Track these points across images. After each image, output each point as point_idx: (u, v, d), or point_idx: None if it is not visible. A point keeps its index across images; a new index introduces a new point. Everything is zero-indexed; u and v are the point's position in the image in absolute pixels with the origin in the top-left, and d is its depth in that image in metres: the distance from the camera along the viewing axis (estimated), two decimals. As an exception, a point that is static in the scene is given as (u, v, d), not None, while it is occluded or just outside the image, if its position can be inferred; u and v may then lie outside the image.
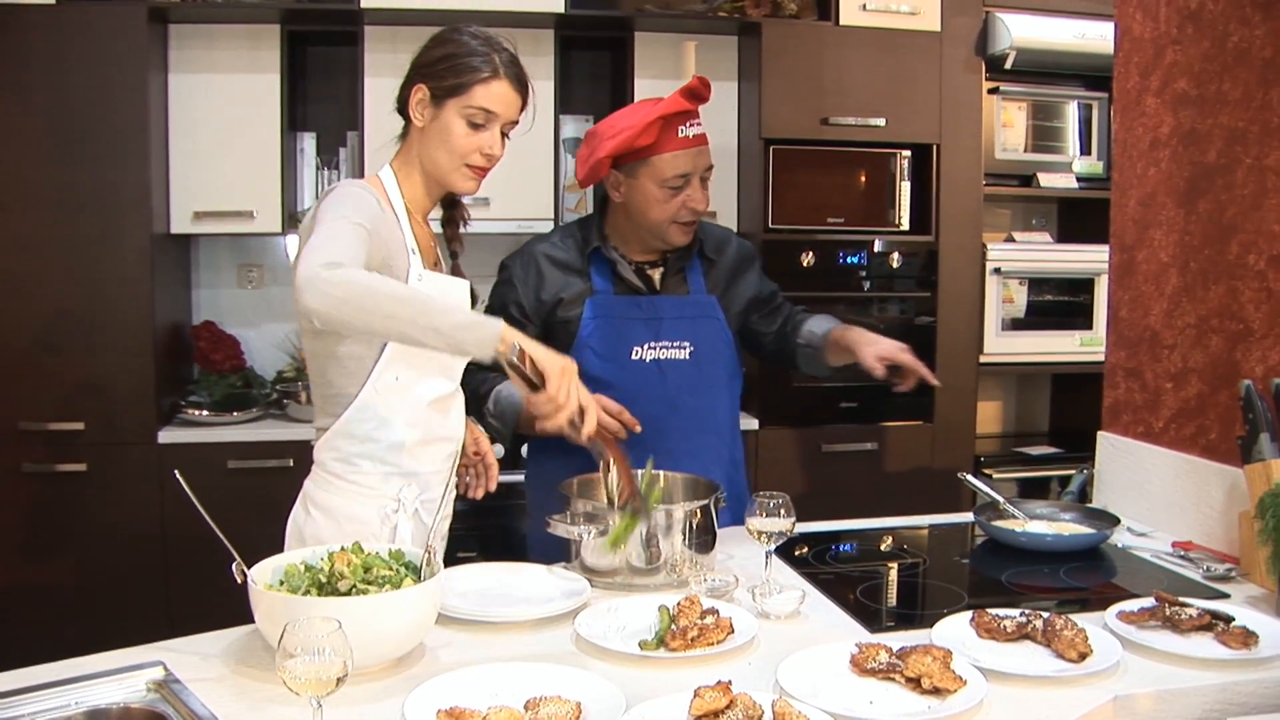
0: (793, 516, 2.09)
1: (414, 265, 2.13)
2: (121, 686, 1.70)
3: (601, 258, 2.66)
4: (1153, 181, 2.73)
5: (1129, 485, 2.79)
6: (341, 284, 1.82)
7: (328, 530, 2.15)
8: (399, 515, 2.18)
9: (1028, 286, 4.56)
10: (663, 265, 2.70)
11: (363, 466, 2.17)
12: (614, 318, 2.64)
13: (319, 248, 1.88)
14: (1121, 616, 1.99)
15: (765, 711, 1.58)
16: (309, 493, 2.22)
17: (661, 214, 2.58)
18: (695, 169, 2.57)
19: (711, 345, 2.70)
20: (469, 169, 2.18)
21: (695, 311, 2.69)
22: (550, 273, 2.65)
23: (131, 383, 3.90)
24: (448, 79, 2.14)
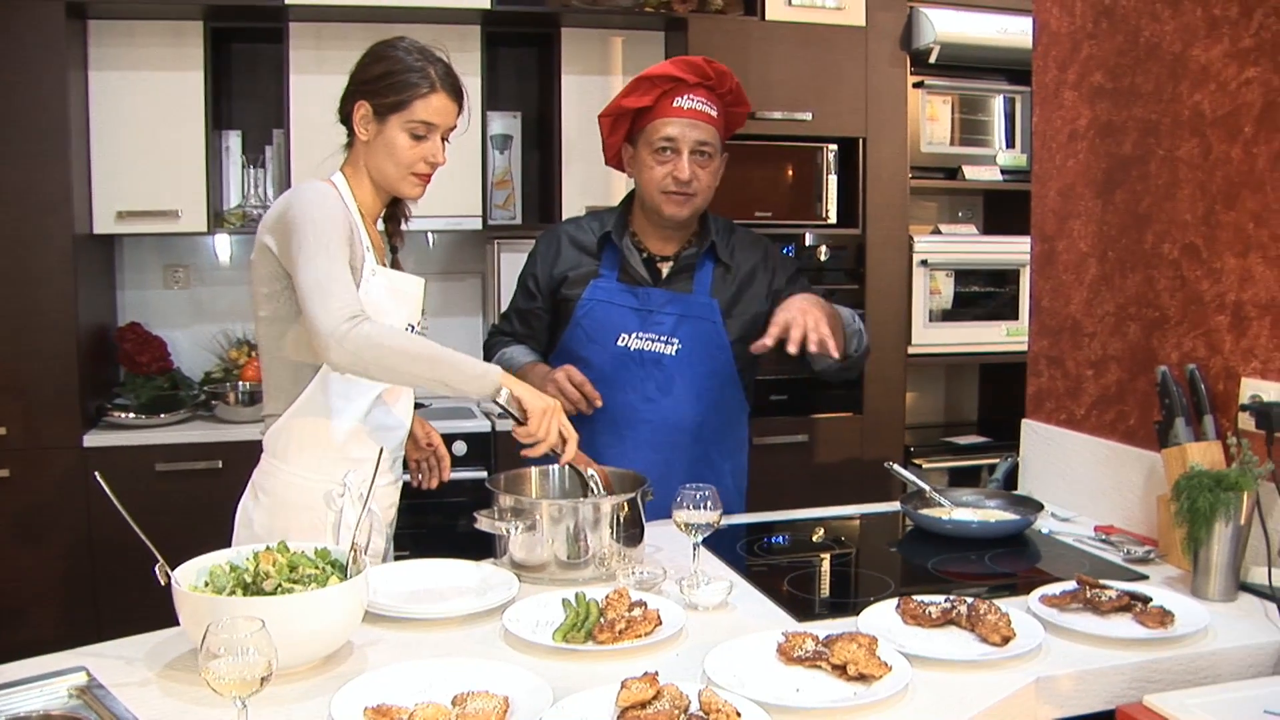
0: (719, 509, 2.11)
1: (369, 261, 2.25)
2: (43, 693, 1.67)
3: (613, 244, 2.74)
4: (1071, 173, 2.78)
5: (1053, 471, 2.84)
6: (367, 346, 2.03)
7: (275, 517, 2.25)
8: (344, 500, 2.25)
9: (954, 278, 4.61)
10: (674, 260, 2.75)
11: (310, 454, 2.25)
12: (609, 303, 2.70)
13: (330, 292, 2.05)
14: (1044, 600, 2.03)
15: (692, 701, 1.59)
16: (257, 480, 2.32)
17: (650, 182, 2.66)
18: (683, 138, 2.63)
19: (702, 347, 2.70)
20: (415, 177, 2.29)
21: (690, 310, 2.70)
22: (567, 251, 2.77)
23: (55, 386, 3.83)
24: (388, 96, 2.24)
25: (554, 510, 2.19)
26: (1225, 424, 2.33)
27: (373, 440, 2.28)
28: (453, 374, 2.09)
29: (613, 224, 2.74)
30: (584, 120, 4.41)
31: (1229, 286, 2.34)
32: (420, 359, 2.07)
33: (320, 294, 2.06)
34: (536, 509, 2.19)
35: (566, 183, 4.44)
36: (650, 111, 2.65)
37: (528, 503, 2.21)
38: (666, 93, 2.64)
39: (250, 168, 4.38)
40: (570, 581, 2.16)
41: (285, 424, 2.26)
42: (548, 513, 2.18)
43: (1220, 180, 2.35)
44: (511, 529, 2.17)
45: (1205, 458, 2.26)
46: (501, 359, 2.75)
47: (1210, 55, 2.37)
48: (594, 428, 2.63)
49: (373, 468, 2.15)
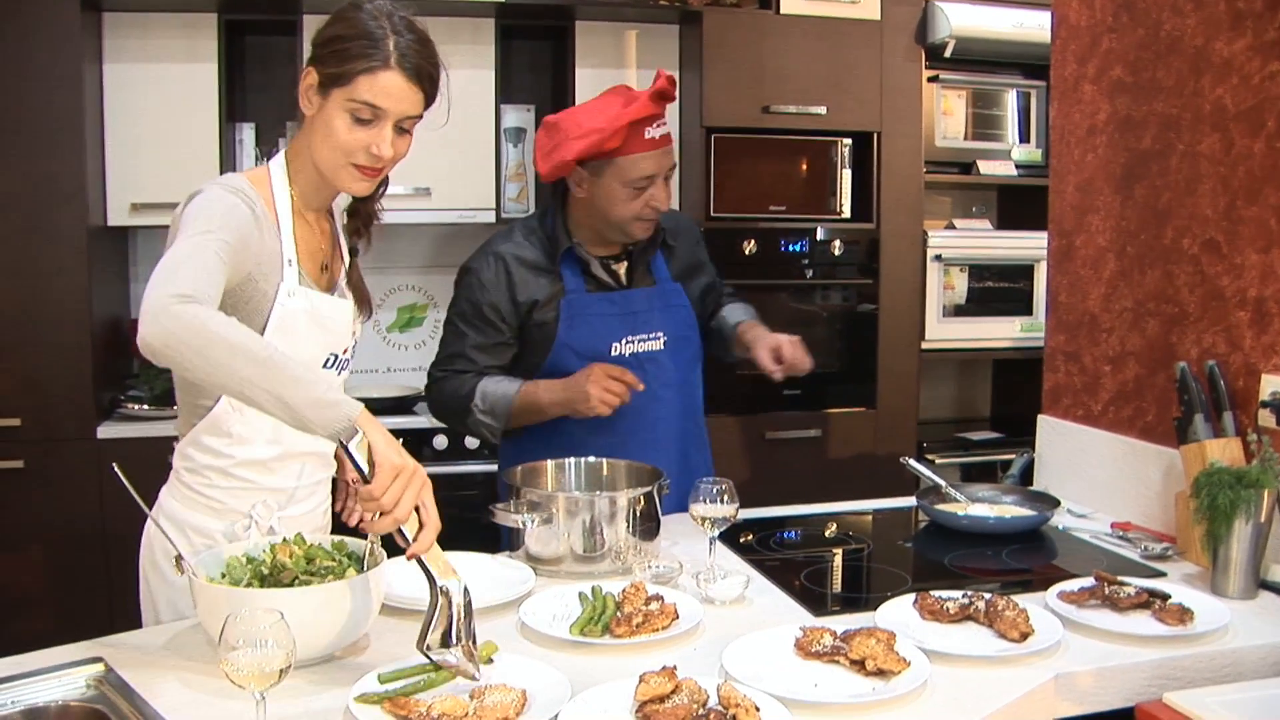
0: (736, 502, 2.10)
1: (287, 279, 1.93)
2: (60, 684, 1.68)
3: (573, 256, 2.65)
4: (1090, 167, 2.77)
5: (1069, 468, 2.83)
6: (191, 325, 1.62)
7: (178, 542, 1.91)
8: (250, 533, 2.00)
9: (968, 273, 4.59)
10: (627, 259, 2.72)
11: (212, 479, 2.01)
12: (590, 315, 2.64)
13: (174, 271, 1.68)
14: (1062, 596, 2.02)
15: (710, 695, 1.59)
16: (161, 501, 2.06)
17: (625, 212, 2.58)
18: (660, 170, 2.58)
19: (681, 332, 2.75)
20: (355, 169, 1.94)
21: (665, 301, 2.73)
22: (520, 274, 2.63)
23: (69, 377, 3.84)
24: (331, 65, 1.88)
25: (570, 503, 2.19)
26: (1245, 420, 2.32)
27: (288, 468, 2.05)
28: (294, 391, 1.63)
29: (566, 238, 2.64)
30: (598, 113, 4.40)
31: (1250, 282, 2.33)
32: (256, 361, 1.62)
33: (164, 273, 1.68)
34: (553, 502, 2.18)
35: (580, 175, 4.42)
36: (620, 148, 2.52)
37: (544, 496, 2.21)
38: (636, 125, 2.52)
39: (264, 160, 4.34)
40: (586, 575, 2.16)
41: (188, 446, 2.02)
42: (564, 506, 2.18)
43: (1242, 175, 2.34)
44: (528, 522, 2.17)
45: (1225, 454, 2.25)
46: (484, 393, 2.59)
47: (1233, 49, 2.35)
48: (620, 436, 2.59)
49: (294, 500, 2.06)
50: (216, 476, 2.01)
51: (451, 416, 2.68)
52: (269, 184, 1.97)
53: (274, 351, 1.66)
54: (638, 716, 1.55)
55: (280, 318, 1.92)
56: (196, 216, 1.80)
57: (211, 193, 1.86)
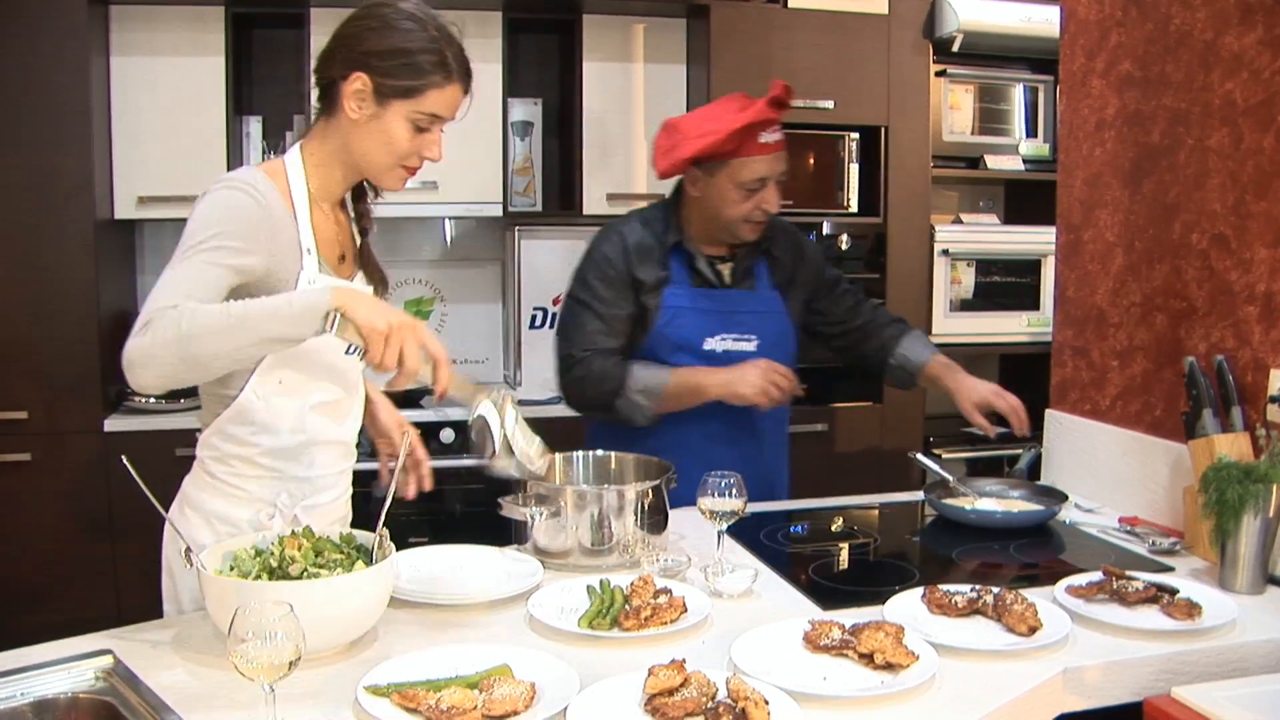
0: (744, 496, 2.10)
1: (307, 267, 1.96)
2: (69, 676, 1.68)
3: (682, 251, 2.75)
4: (1098, 162, 2.76)
5: (1077, 462, 2.83)
6: (155, 347, 1.72)
7: (201, 531, 1.99)
8: (275, 521, 2.02)
9: (975, 268, 4.59)
10: (731, 260, 2.80)
11: (238, 469, 2.02)
12: (689, 309, 2.74)
13: (151, 299, 1.78)
14: (1070, 590, 2.02)
15: (720, 689, 1.59)
16: (185, 491, 2.07)
17: (735, 213, 2.67)
18: (772, 174, 2.66)
19: (774, 338, 2.81)
20: (404, 169, 2.03)
21: (762, 306, 2.81)
22: (637, 255, 2.73)
23: (76, 370, 3.84)
24: (399, 78, 1.93)
25: (578, 497, 2.19)
26: (1254, 415, 2.32)
27: (312, 457, 2.07)
28: (276, 325, 1.74)
29: (676, 233, 2.75)
30: (605, 107, 4.40)
31: (1259, 277, 2.32)
32: (231, 329, 1.73)
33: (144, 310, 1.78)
34: (561, 495, 2.18)
35: (587, 170, 4.43)
36: (735, 150, 2.63)
37: (552, 489, 2.21)
38: (752, 129, 2.62)
39: (270, 153, 4.37)
40: (594, 568, 2.16)
41: (213, 436, 2.02)
42: (572, 499, 2.18)
43: (1251, 170, 2.33)
44: (536, 515, 2.17)
45: (1233, 449, 2.24)
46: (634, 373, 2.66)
47: (1243, 43, 2.34)
48: (704, 433, 2.71)
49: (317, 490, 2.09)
50: (242, 465, 2.02)
51: (599, 397, 2.70)
52: (285, 176, 1.99)
53: (239, 307, 1.74)
54: (647, 709, 1.55)
55: None
56: (193, 229, 1.86)
57: (214, 195, 1.90)
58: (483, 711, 1.52)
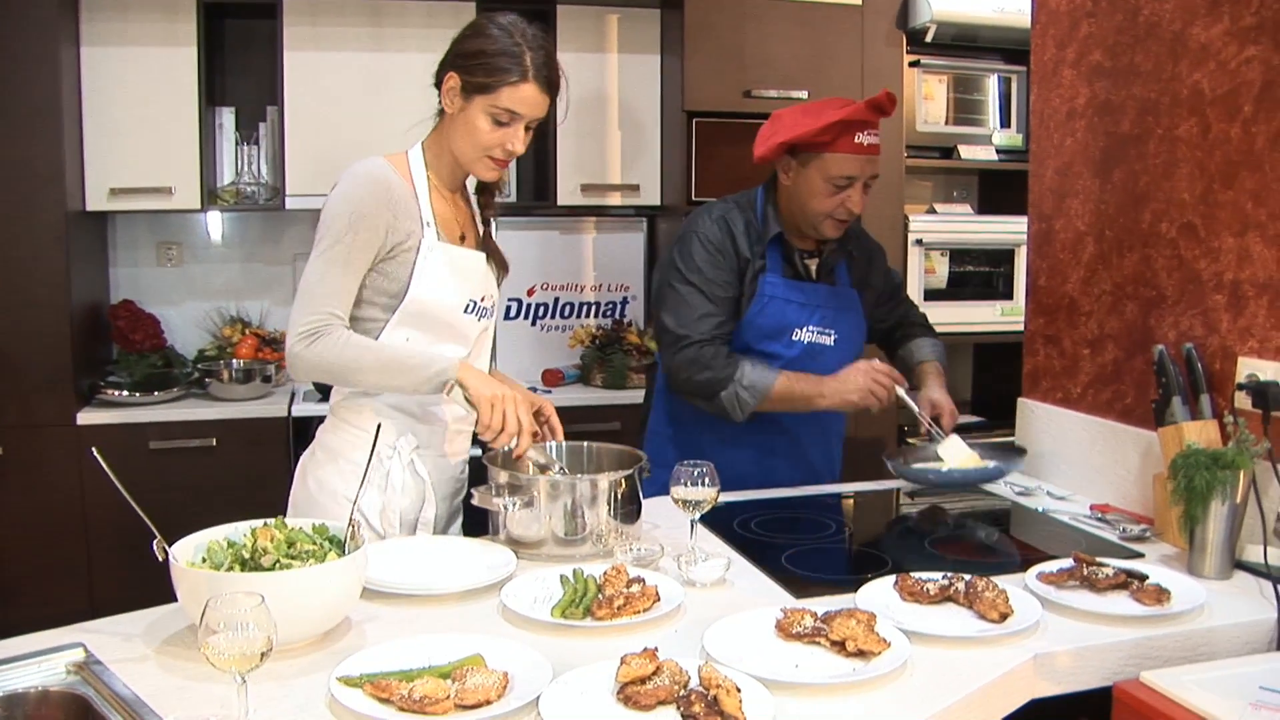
0: (717, 485, 2.11)
1: (427, 237, 2.25)
2: (40, 670, 1.67)
3: (779, 241, 2.82)
4: (1069, 152, 2.78)
5: (1049, 450, 2.85)
6: (316, 368, 2.17)
7: (328, 469, 2.32)
8: (392, 462, 2.29)
9: (949, 257, 4.61)
10: (818, 255, 2.88)
11: (365, 413, 2.30)
12: (780, 299, 2.80)
13: (304, 303, 2.17)
14: (1041, 577, 2.04)
15: (692, 677, 1.59)
16: (320, 434, 2.40)
17: (820, 207, 2.72)
18: (861, 174, 2.71)
19: (849, 333, 2.91)
20: (490, 160, 2.27)
21: (843, 303, 2.91)
22: (741, 241, 2.80)
23: (48, 364, 3.82)
24: (477, 75, 2.20)
25: (551, 486, 2.19)
26: (1222, 403, 2.34)
27: (430, 412, 2.36)
28: (404, 379, 2.18)
29: (776, 223, 2.81)
30: (580, 98, 4.39)
31: (1227, 266, 2.34)
32: (370, 370, 2.16)
33: (299, 302, 2.18)
34: (534, 485, 2.18)
35: (561, 161, 4.43)
36: (829, 144, 2.68)
37: (525, 479, 2.20)
38: (849, 126, 2.67)
39: (244, 144, 4.36)
40: (568, 558, 2.16)
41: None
42: (545, 489, 2.18)
43: (1219, 159, 2.35)
44: (509, 505, 2.17)
45: (1202, 436, 2.26)
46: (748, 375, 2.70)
47: (1210, 34, 2.36)
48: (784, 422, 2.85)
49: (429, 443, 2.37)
50: (368, 409, 2.32)
51: (706, 384, 2.74)
52: (407, 166, 2.30)
53: (382, 355, 2.18)
54: (619, 698, 1.56)
55: (423, 269, 2.24)
56: (333, 219, 2.20)
57: (344, 187, 2.23)
58: (455, 701, 1.52)
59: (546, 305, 4.72)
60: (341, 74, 4.16)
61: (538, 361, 4.64)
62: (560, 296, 4.73)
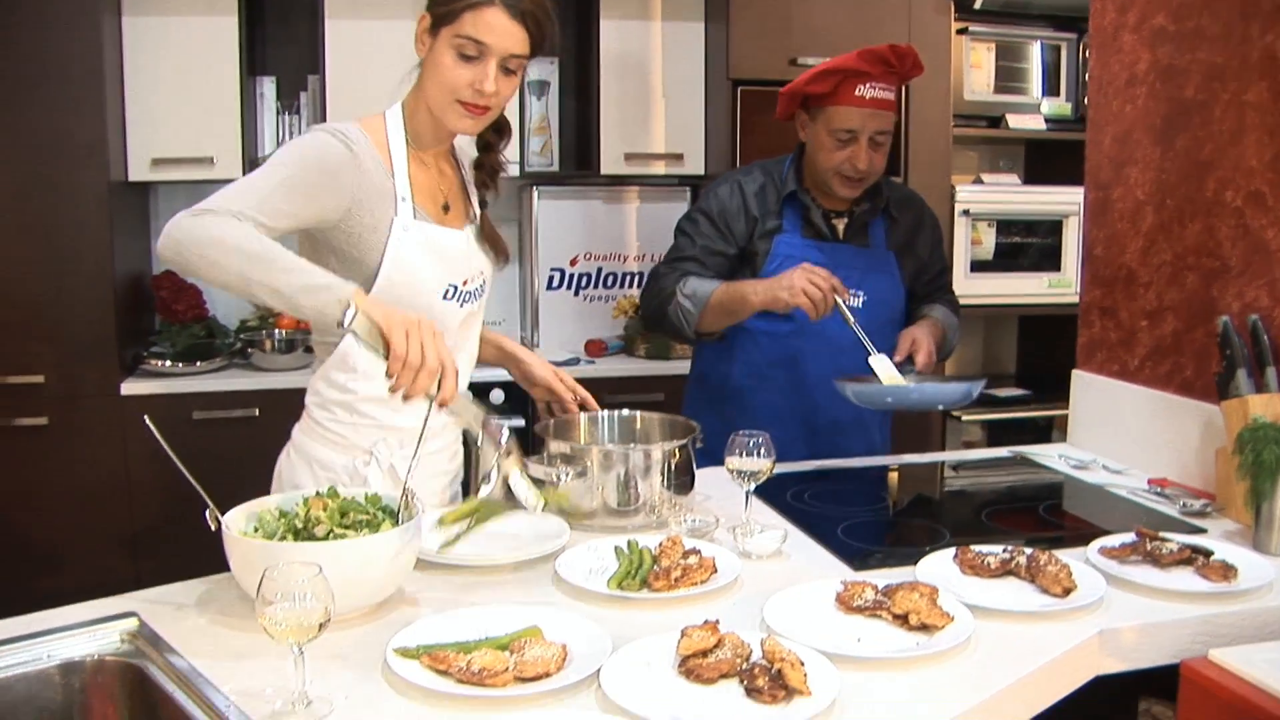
0: (773, 456, 2.07)
1: (401, 214, 2.03)
2: (95, 639, 1.66)
3: (795, 200, 2.79)
4: (1129, 119, 2.71)
5: (1104, 423, 2.80)
6: (193, 232, 1.77)
7: (303, 475, 2.13)
8: (370, 469, 2.12)
9: (996, 228, 4.54)
10: (848, 216, 2.82)
11: (338, 415, 2.12)
12: (796, 258, 2.71)
13: (219, 193, 1.84)
14: (1103, 552, 1.99)
15: (754, 649, 1.56)
16: (294, 436, 2.20)
17: (827, 162, 2.70)
18: (863, 129, 2.66)
19: (882, 296, 2.82)
20: (461, 105, 2.02)
21: (872, 264, 2.82)
22: (751, 203, 2.79)
23: (92, 334, 3.82)
24: (440, 5, 2.00)
25: (604, 456, 2.16)
26: (1289, 375, 2.28)
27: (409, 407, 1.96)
28: (286, 279, 1.76)
29: (794, 182, 2.79)
30: (623, 66, 4.36)
31: (1295, 234, 2.28)
32: (250, 256, 1.76)
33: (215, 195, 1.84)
34: (587, 455, 2.15)
35: (605, 130, 4.39)
36: (830, 95, 2.66)
37: (578, 449, 2.18)
38: (848, 78, 2.64)
39: (285, 114, 4.34)
40: (620, 529, 2.14)
41: (318, 381, 2.14)
42: (598, 459, 2.15)
43: (1289, 124, 2.29)
44: (562, 475, 2.14)
45: (1268, 410, 2.20)
46: (692, 283, 2.71)
47: (1281, -6, 2.29)
48: (793, 381, 2.78)
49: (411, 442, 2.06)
50: (341, 411, 2.12)
51: (657, 306, 2.79)
52: (384, 129, 2.07)
53: (269, 247, 1.78)
54: (680, 671, 1.53)
55: (396, 250, 2.02)
56: (276, 153, 1.96)
57: (304, 137, 2.01)
58: (514, 673, 1.50)
59: (589, 275, 4.68)
60: (383, 42, 4.12)
61: (580, 332, 4.61)
62: (603, 266, 4.69)
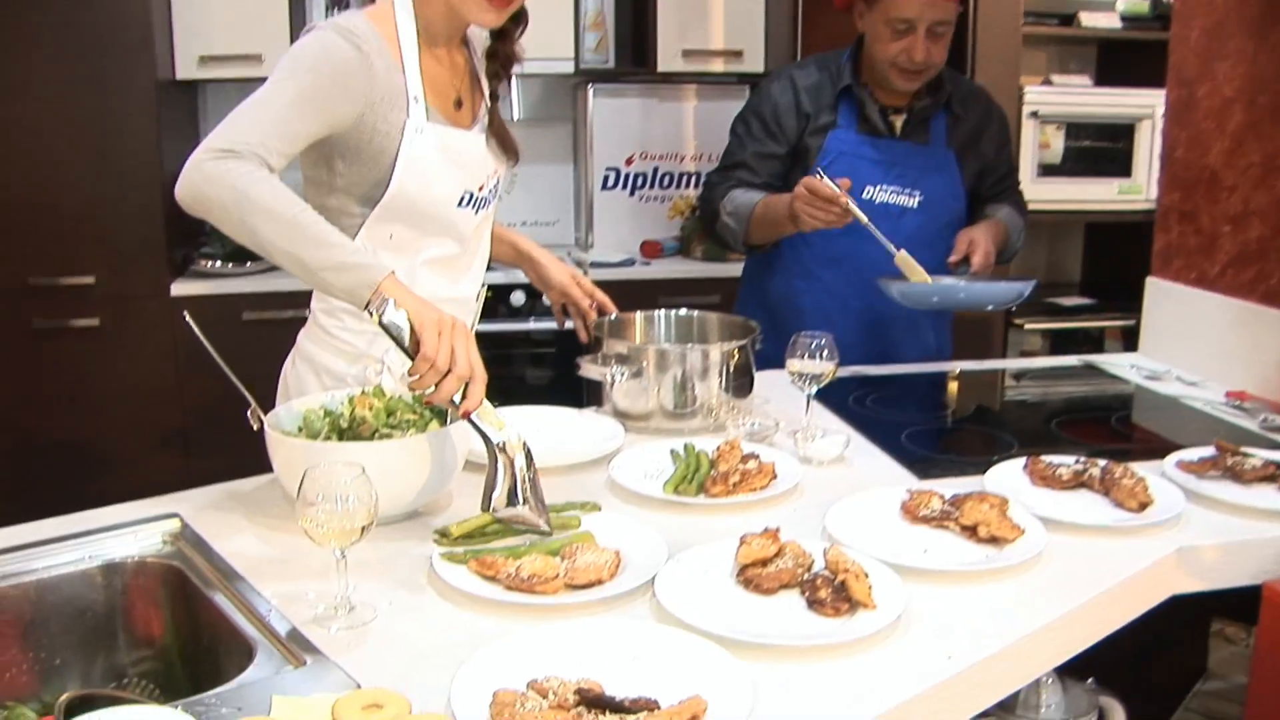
0: (835, 359, 2.00)
1: (413, 116, 1.87)
2: (137, 540, 1.64)
3: (851, 95, 2.68)
4: (1220, 9, 2.55)
5: (1178, 333, 2.68)
6: (219, 181, 1.64)
7: (311, 384, 2.02)
8: (383, 378, 1.97)
9: (1065, 131, 4.37)
10: (906, 112, 2.69)
11: (347, 323, 2.01)
12: (849, 154, 2.64)
13: (230, 124, 1.70)
14: (1181, 466, 1.90)
15: (816, 559, 1.50)
16: (299, 344, 2.09)
17: (884, 53, 2.59)
18: (920, 18, 2.53)
19: (939, 196, 2.69)
20: None
21: (930, 162, 2.70)
22: (803, 98, 2.69)
23: (142, 234, 3.78)
24: None
25: (660, 356, 2.09)
26: (1384, 282, 2.16)
27: None
28: (314, 253, 1.63)
29: (849, 76, 2.67)
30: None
31: (1398, 131, 2.14)
32: (278, 220, 1.63)
33: (221, 126, 1.70)
34: (643, 355, 2.08)
35: (662, 25, 4.26)
36: None
37: (633, 349, 2.11)
38: None
39: (334, 9, 4.23)
40: (676, 432, 2.07)
41: None
42: (654, 359, 2.08)
43: (1397, 12, 2.13)
44: (616, 375, 2.07)
45: (1361, 317, 2.09)
46: (733, 195, 2.67)
47: None
48: (838, 282, 2.67)
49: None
50: (350, 319, 2.00)
51: (709, 219, 2.79)
52: (392, 19, 1.88)
53: (298, 212, 1.65)
54: (739, 580, 1.47)
55: (408, 156, 1.87)
56: (283, 62, 1.79)
57: (311, 35, 1.82)
58: (565, 580, 1.45)
59: (645, 175, 4.58)
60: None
61: (636, 233, 4.52)
62: (659, 166, 4.58)
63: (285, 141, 1.73)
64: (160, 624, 1.61)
